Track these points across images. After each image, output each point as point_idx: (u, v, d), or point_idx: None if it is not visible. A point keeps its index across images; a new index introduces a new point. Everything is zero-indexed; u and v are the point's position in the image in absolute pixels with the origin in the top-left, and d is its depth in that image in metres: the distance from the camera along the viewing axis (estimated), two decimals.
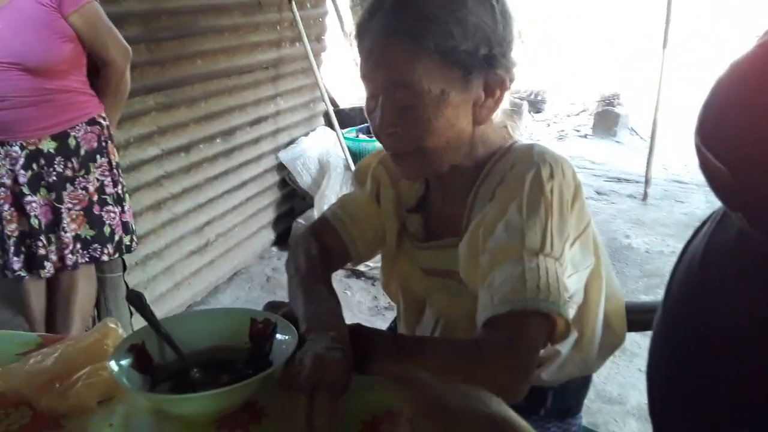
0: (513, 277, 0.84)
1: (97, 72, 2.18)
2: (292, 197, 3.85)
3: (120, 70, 2.16)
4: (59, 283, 2.30)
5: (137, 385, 0.84)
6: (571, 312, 0.91)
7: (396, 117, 0.90)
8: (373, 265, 3.44)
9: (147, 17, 2.63)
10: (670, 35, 4.13)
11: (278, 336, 0.93)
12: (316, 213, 3.58)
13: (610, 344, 1.07)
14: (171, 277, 2.91)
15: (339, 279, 3.38)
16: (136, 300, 0.94)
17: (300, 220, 3.70)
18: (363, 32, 0.92)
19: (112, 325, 0.95)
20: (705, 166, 0.68)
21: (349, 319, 0.92)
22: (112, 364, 0.83)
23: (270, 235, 3.74)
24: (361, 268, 3.44)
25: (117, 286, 2.58)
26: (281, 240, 3.77)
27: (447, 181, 1.02)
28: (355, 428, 0.80)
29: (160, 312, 2.49)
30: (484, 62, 0.89)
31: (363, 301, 3.17)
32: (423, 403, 0.62)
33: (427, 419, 0.60)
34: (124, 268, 2.58)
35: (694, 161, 0.72)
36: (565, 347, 1.00)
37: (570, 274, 0.91)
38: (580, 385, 1.12)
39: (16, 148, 2.06)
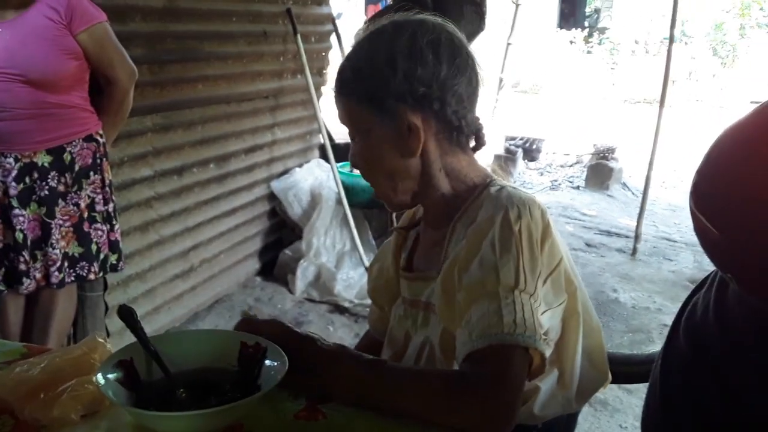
0: (490, 313, 0.88)
1: (99, 89, 2.19)
2: (281, 228, 3.84)
3: (124, 89, 2.17)
4: (39, 299, 2.26)
5: (123, 400, 0.83)
6: (548, 349, 0.94)
7: (354, 156, 1.07)
8: (357, 301, 3.42)
9: (153, 39, 2.66)
10: (668, 95, 4.27)
11: (267, 362, 0.92)
12: (304, 245, 3.56)
13: (595, 381, 1.08)
14: (152, 300, 2.87)
15: (322, 314, 3.35)
16: (128, 315, 0.93)
17: (287, 251, 3.68)
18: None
19: (101, 340, 0.94)
20: (697, 228, 0.73)
21: None
22: (99, 377, 0.82)
23: (255, 265, 3.72)
24: (345, 304, 3.42)
25: (96, 305, 2.54)
26: (266, 270, 3.74)
27: (429, 213, 1.10)
28: None
29: None
30: (414, 101, 0.97)
31: (344, 338, 3.14)
32: None
33: None
34: (105, 287, 2.55)
35: (684, 220, 0.76)
36: (545, 384, 1.01)
37: (543, 310, 0.94)
38: (564, 427, 1.11)
39: (11, 160, 2.05)
